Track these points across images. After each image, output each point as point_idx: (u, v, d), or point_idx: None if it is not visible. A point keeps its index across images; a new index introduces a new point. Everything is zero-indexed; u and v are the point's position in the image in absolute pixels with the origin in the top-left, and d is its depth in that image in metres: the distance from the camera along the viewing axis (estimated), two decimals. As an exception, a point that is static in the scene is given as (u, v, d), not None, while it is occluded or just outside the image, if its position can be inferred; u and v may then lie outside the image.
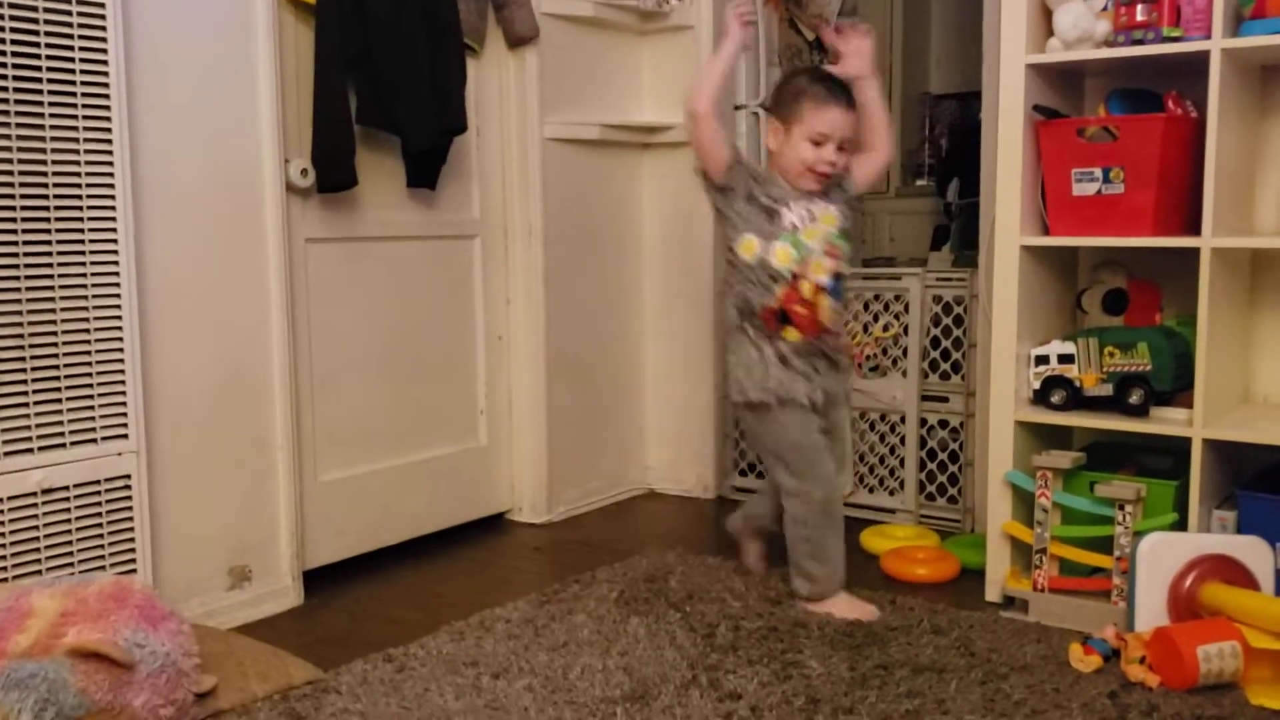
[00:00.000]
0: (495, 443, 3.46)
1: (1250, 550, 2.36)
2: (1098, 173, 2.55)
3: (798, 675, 2.26)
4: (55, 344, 2.29)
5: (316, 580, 2.89)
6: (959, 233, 5.26)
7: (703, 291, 3.75)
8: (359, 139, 2.85)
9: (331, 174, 2.80)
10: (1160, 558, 2.36)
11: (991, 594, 2.73)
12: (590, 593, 2.75)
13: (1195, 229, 2.46)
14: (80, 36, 2.27)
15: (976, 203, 3.25)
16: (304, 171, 2.77)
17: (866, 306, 3.51)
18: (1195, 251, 2.44)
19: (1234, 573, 2.34)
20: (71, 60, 2.26)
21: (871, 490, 3.51)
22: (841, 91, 2.55)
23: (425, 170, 3.07)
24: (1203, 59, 2.40)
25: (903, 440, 3.44)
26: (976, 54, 3.21)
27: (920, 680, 2.24)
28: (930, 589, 2.81)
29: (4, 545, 2.23)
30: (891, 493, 3.46)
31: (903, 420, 3.43)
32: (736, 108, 3.78)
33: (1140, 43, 2.48)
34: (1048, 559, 2.57)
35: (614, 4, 3.57)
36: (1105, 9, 2.55)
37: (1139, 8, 2.47)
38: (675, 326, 3.82)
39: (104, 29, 2.30)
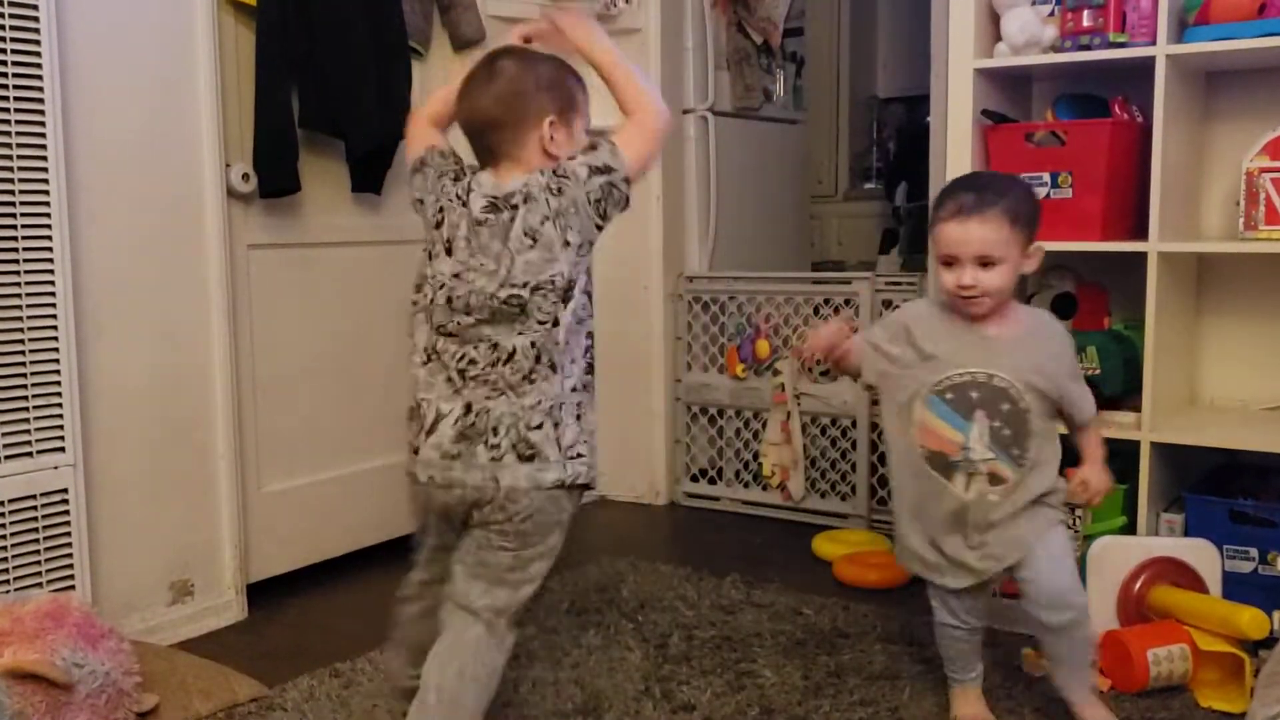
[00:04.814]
0: (443, 450, 3.40)
1: (1198, 553, 2.37)
2: (1046, 177, 2.56)
3: (751, 685, 2.25)
4: (-12, 355, 2.23)
5: (261, 593, 2.83)
6: (907, 236, 5.29)
7: (651, 295, 3.74)
8: (302, 143, 2.80)
9: (274, 178, 2.75)
10: (1110, 561, 2.37)
11: (943, 599, 2.72)
12: (540, 603, 2.70)
13: (1142, 233, 2.47)
14: (13, 39, 2.21)
15: (925, 206, 3.25)
16: (245, 176, 2.72)
17: (817, 311, 3.51)
18: (1142, 256, 2.45)
19: (1182, 575, 2.35)
20: (4, 64, 2.20)
21: (823, 495, 3.50)
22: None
23: (370, 174, 3.02)
24: (1148, 64, 2.42)
25: (854, 445, 3.44)
26: (924, 57, 3.21)
27: (874, 688, 2.24)
28: (883, 595, 2.80)
29: (-65, 563, 2.17)
30: (843, 498, 3.46)
31: (854, 424, 3.43)
32: (685, 112, 3.77)
33: (1087, 48, 2.49)
34: (999, 563, 2.57)
35: (561, 6, 3.53)
36: (1052, 14, 2.56)
37: (1085, 13, 2.48)
38: (624, 330, 3.79)
39: (37, 30, 2.25)
